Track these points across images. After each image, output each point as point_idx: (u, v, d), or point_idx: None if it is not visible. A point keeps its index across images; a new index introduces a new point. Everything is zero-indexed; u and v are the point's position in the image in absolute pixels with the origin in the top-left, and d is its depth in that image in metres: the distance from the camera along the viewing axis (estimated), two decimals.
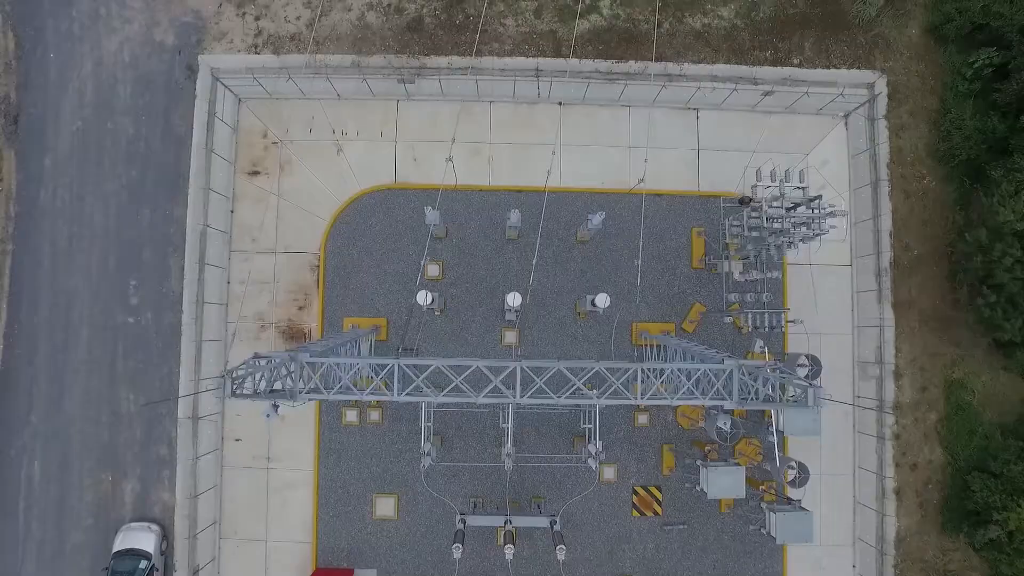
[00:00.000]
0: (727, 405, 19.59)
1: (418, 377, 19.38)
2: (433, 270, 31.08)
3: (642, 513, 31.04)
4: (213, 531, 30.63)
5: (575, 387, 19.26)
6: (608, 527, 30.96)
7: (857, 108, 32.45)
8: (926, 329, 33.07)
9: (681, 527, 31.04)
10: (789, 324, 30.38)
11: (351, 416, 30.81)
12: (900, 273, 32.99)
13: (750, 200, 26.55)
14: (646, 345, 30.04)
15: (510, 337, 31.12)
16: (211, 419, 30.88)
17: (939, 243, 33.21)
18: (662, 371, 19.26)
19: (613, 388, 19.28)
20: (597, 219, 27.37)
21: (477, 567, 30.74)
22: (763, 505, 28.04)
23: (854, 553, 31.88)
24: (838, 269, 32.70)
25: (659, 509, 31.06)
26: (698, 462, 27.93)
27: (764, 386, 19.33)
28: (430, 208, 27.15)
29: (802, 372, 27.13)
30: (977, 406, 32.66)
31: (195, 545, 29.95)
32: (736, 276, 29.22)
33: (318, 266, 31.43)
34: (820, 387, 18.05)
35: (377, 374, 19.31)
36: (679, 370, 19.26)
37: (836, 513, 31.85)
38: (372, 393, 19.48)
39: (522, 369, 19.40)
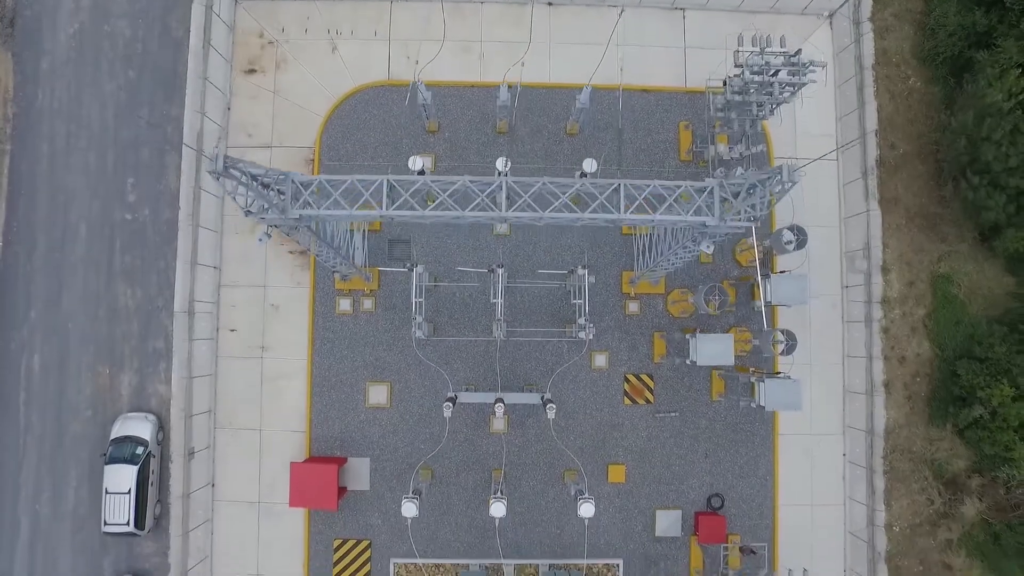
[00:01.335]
0: (708, 221, 19.98)
1: (406, 192, 19.82)
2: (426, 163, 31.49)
3: (634, 401, 31.31)
4: (208, 419, 30.93)
5: (561, 202, 19.65)
6: (600, 415, 31.23)
7: (841, 6, 33.04)
8: (912, 226, 33.52)
9: (673, 415, 31.30)
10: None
11: (344, 305, 31.18)
12: (886, 171, 33.48)
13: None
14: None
15: (502, 227, 31.50)
16: (206, 312, 31.26)
17: (925, 142, 33.72)
18: (645, 187, 19.66)
19: (598, 202, 19.68)
20: (585, 96, 27.88)
21: (469, 455, 31.00)
22: (752, 379, 28.34)
23: (844, 441, 32.12)
24: (824, 163, 33.05)
25: (651, 397, 31.33)
26: (687, 336, 28.24)
27: (746, 201, 19.74)
28: (423, 84, 27.69)
29: (788, 237, 27.45)
30: (963, 299, 33.03)
31: (190, 427, 30.28)
32: (722, 154, 29.65)
33: (312, 159, 31.94)
34: (797, 170, 18.40)
35: (367, 189, 19.73)
36: (661, 186, 19.68)
37: (826, 402, 32.11)
38: (361, 208, 19.88)
39: (508, 184, 19.81)
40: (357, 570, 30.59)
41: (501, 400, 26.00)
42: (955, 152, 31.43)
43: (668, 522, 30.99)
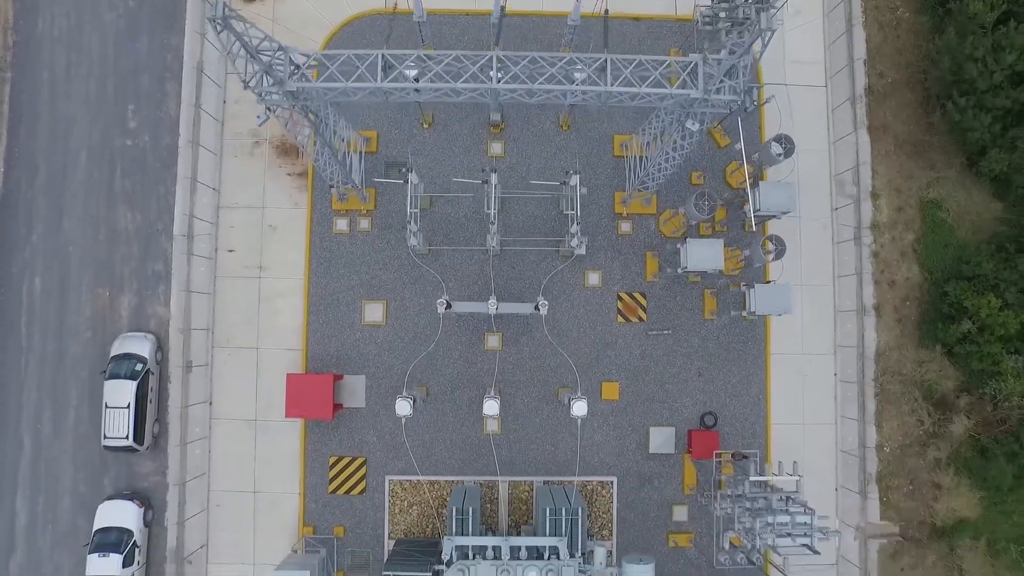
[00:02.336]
0: (693, 94, 20.45)
1: (399, 65, 20.31)
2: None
3: (627, 319, 31.71)
4: (206, 338, 31.34)
5: (549, 75, 20.13)
6: (594, 333, 31.62)
7: None
8: (901, 153, 34.03)
9: (666, 333, 31.69)
10: (764, 105, 30.92)
11: (341, 225, 31.64)
12: (875, 100, 34.02)
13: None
14: None
15: (496, 148, 32.02)
16: (205, 233, 31.73)
17: (913, 71, 34.25)
18: (631, 62, 20.14)
19: (586, 76, 20.16)
20: (576, 13, 28.27)
21: (464, 372, 31.37)
22: (742, 287, 28.76)
23: (835, 361, 32.49)
24: (813, 89, 33.58)
25: (644, 315, 31.73)
26: (678, 245, 28.69)
27: (731, 78, 20.23)
28: None
29: (776, 150, 27.94)
30: (952, 223, 33.51)
31: (189, 342, 30.74)
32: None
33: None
34: (774, 15, 18.84)
35: (362, 62, 20.21)
36: (646, 61, 20.17)
37: (817, 323, 32.50)
38: (357, 81, 20.33)
39: (499, 57, 20.29)
40: (353, 487, 30.93)
41: (495, 298, 26.26)
42: (940, 73, 31.95)
43: (662, 439, 31.32)
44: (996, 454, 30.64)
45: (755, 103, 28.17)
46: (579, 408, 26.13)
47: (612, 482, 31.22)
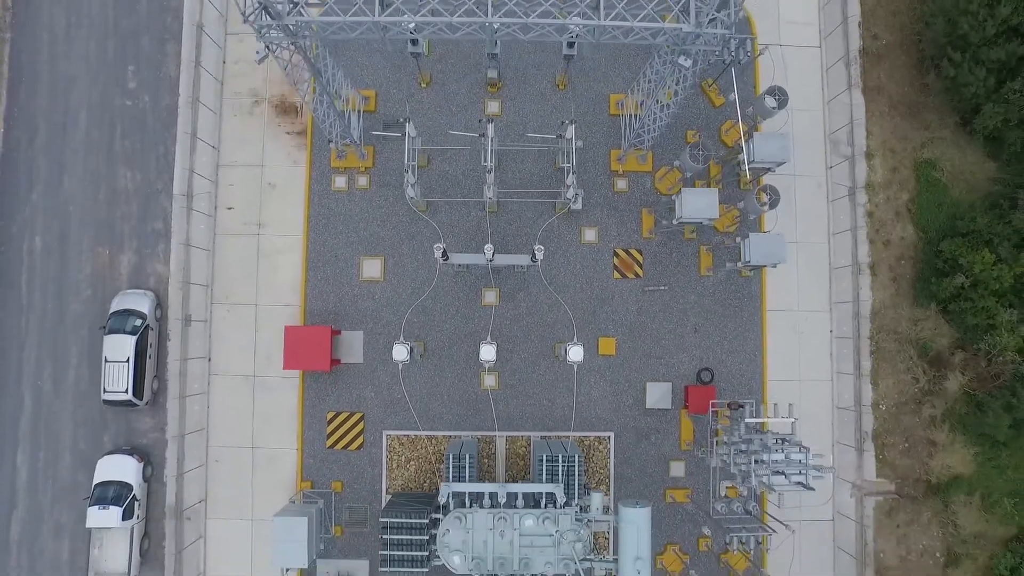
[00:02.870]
0: (685, 28, 20.69)
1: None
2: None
3: (623, 275, 31.92)
4: (205, 294, 31.55)
5: (543, 11, 20.36)
6: (590, 288, 31.81)
7: None
8: (896, 114, 34.28)
9: (662, 289, 31.88)
10: (759, 58, 31.21)
11: (340, 182, 31.87)
12: (869, 61, 34.26)
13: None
14: None
15: (493, 107, 32.28)
16: (205, 192, 31.96)
17: (907, 33, 34.49)
18: None
19: (580, 10, 20.41)
20: None
21: (461, 328, 31.56)
22: (737, 239, 28.97)
23: (831, 318, 32.68)
24: (807, 50, 33.81)
25: (640, 271, 31.94)
26: (673, 197, 28.89)
27: (723, 11, 20.47)
28: None
29: (771, 103, 28.16)
30: (946, 183, 33.73)
31: (188, 296, 30.98)
32: None
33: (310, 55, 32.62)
34: None
35: None
36: None
37: (813, 280, 32.70)
38: (355, 15, 20.54)
39: None
40: (350, 442, 31.12)
41: (491, 245, 26.42)
42: (934, 35, 32.19)
43: (658, 394, 31.50)
44: (992, 407, 30.79)
45: (749, 55, 28.56)
46: (575, 353, 26.32)
47: (609, 437, 31.40)
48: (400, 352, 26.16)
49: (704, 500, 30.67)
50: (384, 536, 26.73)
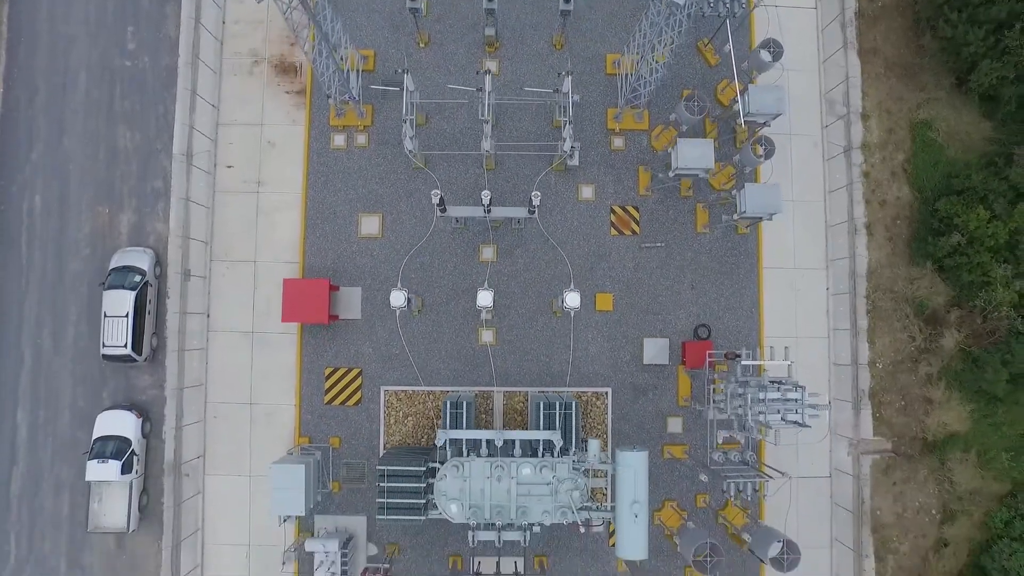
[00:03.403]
0: None
1: None
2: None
3: (620, 232, 32.05)
4: (204, 250, 31.69)
5: None
6: (587, 245, 31.95)
7: None
8: (891, 75, 34.47)
9: (659, 246, 32.01)
10: (754, 10, 31.37)
11: (339, 141, 32.04)
12: (865, 23, 34.48)
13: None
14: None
15: (491, 67, 32.38)
16: (204, 151, 32.12)
17: None
18: None
19: None
20: None
21: (459, 283, 31.68)
22: (732, 191, 29.12)
23: (827, 276, 32.80)
24: (803, 10, 33.98)
25: (637, 228, 32.08)
26: (669, 150, 29.05)
27: None
28: None
29: (766, 56, 28.32)
30: (942, 143, 33.89)
31: (187, 251, 31.11)
32: None
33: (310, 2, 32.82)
34: None
35: None
36: None
37: (809, 238, 32.83)
38: None
39: None
40: (348, 397, 31.22)
41: (488, 191, 26.51)
42: None
43: (656, 350, 31.61)
44: (989, 362, 30.90)
45: (744, 6, 28.74)
46: (572, 299, 26.44)
47: (606, 393, 31.49)
48: (397, 298, 26.29)
49: (702, 456, 30.73)
50: (381, 484, 26.81)
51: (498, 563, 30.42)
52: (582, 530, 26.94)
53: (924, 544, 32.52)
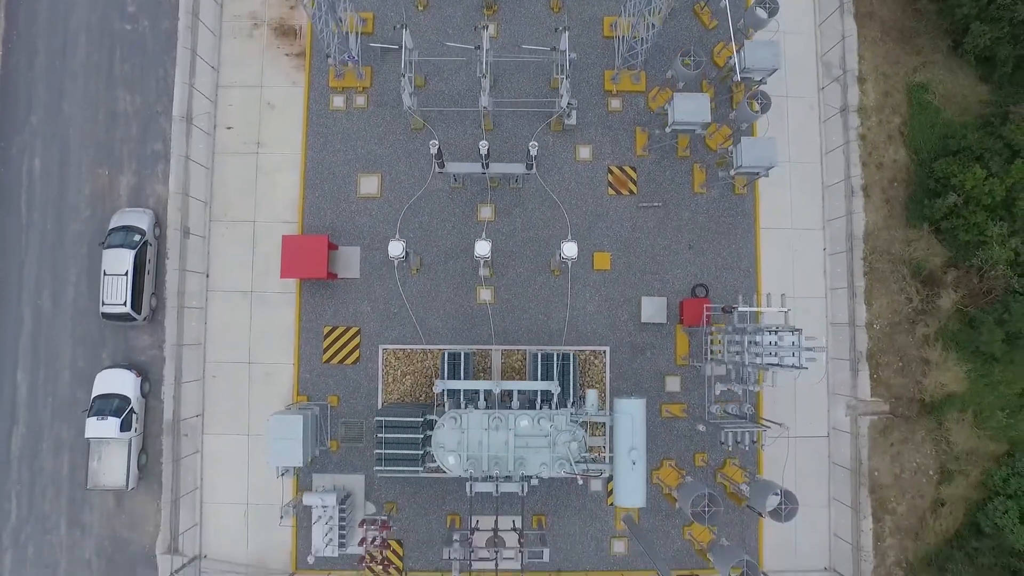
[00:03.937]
0: None
1: None
2: None
3: (618, 192, 32.18)
4: (204, 211, 31.81)
5: None
6: (585, 204, 32.07)
7: None
8: (888, 39, 34.63)
9: (656, 206, 32.14)
10: None
11: (338, 102, 32.19)
12: None
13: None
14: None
15: (490, 30, 32.42)
16: (204, 112, 32.26)
17: None
18: None
19: None
20: None
21: (457, 243, 31.77)
22: (729, 149, 29.25)
23: (824, 236, 32.91)
24: None
25: (634, 188, 32.20)
26: (665, 107, 29.19)
27: None
28: None
29: (761, 13, 28.50)
30: (938, 105, 34.04)
31: (187, 211, 31.24)
32: None
33: None
34: None
35: None
36: None
37: (806, 199, 32.94)
38: None
39: None
40: (347, 356, 31.30)
41: (485, 141, 26.59)
42: None
43: (653, 308, 31.68)
44: (985, 322, 31.00)
45: None
46: (569, 249, 26.55)
47: (605, 351, 31.56)
48: (395, 248, 26.38)
49: (701, 414, 30.77)
50: (379, 435, 26.90)
51: (496, 521, 30.41)
52: (580, 482, 27.02)
53: (921, 504, 32.56)
